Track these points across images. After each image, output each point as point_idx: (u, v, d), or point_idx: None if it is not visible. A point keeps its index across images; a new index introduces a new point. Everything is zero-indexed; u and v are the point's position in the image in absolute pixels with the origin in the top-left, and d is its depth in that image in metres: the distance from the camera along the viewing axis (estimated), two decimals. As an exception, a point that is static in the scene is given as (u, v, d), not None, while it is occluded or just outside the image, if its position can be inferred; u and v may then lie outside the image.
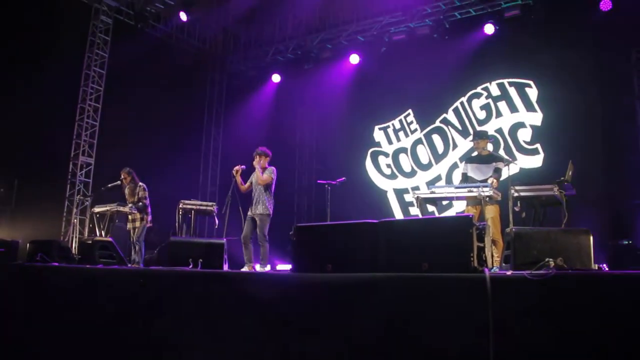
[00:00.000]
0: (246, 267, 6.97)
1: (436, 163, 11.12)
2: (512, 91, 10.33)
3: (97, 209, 8.37)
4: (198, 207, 8.49)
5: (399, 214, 11.28)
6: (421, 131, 11.40)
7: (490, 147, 7.01)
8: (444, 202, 9.54)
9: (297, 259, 4.37)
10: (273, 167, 7.27)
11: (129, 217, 8.16)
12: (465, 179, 6.75)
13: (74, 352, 5.04)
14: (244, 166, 7.31)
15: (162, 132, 11.68)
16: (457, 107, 10.94)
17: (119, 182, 8.38)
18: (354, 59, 11.79)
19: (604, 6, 9.13)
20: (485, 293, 3.19)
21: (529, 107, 10.10)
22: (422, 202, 6.21)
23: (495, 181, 6.32)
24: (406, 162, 11.54)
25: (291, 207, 12.96)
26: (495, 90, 10.53)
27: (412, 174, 11.43)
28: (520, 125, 10.15)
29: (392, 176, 11.67)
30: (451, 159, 10.90)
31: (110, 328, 4.86)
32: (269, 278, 4.76)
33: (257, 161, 7.22)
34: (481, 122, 10.56)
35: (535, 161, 9.84)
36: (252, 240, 7.09)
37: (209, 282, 4.60)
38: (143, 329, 4.65)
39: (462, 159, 9.64)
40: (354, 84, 12.01)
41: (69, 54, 10.66)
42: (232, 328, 4.21)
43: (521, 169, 9.46)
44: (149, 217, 8.20)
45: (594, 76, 9.45)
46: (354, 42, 11.96)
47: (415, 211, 7.52)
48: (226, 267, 5.87)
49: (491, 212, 6.21)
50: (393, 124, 11.79)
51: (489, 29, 10.17)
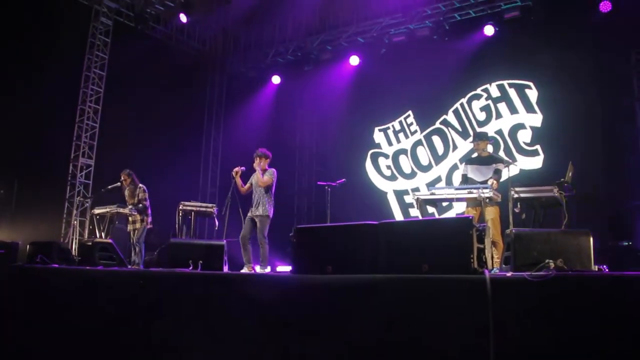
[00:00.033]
0: (245, 268, 6.96)
1: (436, 164, 11.12)
2: (512, 92, 10.33)
3: (97, 211, 8.36)
4: (198, 208, 8.48)
5: (399, 216, 11.28)
6: (421, 132, 11.40)
7: (490, 148, 7.00)
8: (444, 204, 9.51)
9: (297, 261, 4.37)
10: (273, 169, 7.26)
11: (129, 219, 8.15)
12: (465, 180, 6.75)
13: (74, 354, 5.04)
14: (243, 167, 7.29)
15: (162, 134, 11.68)
16: (457, 108, 10.94)
17: (118, 183, 8.37)
18: (354, 60, 11.79)
19: (603, 7, 9.13)
20: (485, 294, 3.19)
21: (529, 109, 10.10)
22: (422, 203, 6.21)
23: (495, 182, 6.33)
24: (406, 163, 11.54)
25: (291, 208, 12.95)
26: (495, 92, 10.53)
27: (412, 175, 11.43)
28: (520, 126, 10.15)
29: (392, 177, 11.66)
30: (451, 160, 10.90)
31: (110, 329, 4.86)
32: (269, 279, 4.77)
33: (257, 163, 7.20)
34: (481, 124, 10.56)
35: (535, 162, 9.84)
36: (250, 240, 7.07)
37: (209, 283, 4.61)
38: (143, 331, 4.65)
39: (462, 160, 9.63)
40: (353, 85, 12.01)
41: (69, 56, 10.66)
42: (232, 329, 4.21)
43: (521, 170, 9.46)
44: (149, 219, 8.19)
45: (594, 77, 9.45)
46: (353, 43, 11.96)
47: (415, 212, 7.52)
48: (226, 269, 5.87)
49: (491, 214, 6.21)
50: (393, 126, 11.79)
51: (489, 30, 10.17)
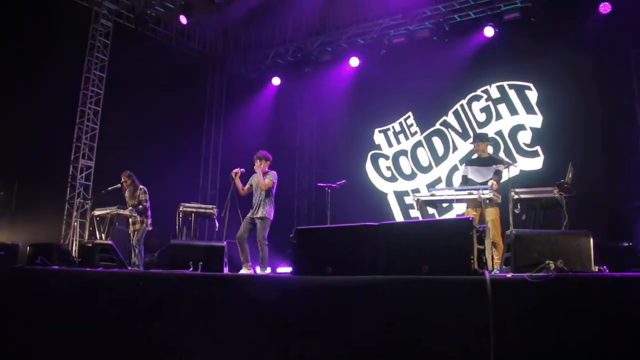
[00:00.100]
0: (244, 268, 6.93)
1: (436, 165, 11.12)
2: (512, 93, 10.33)
3: (97, 212, 8.36)
4: (198, 209, 8.49)
5: (399, 217, 11.28)
6: (421, 134, 11.40)
7: (490, 149, 7.01)
8: (444, 205, 9.52)
9: (298, 262, 4.37)
10: (274, 172, 7.24)
11: (130, 220, 8.15)
12: (466, 181, 6.75)
13: (74, 355, 5.04)
14: (243, 169, 7.27)
15: (162, 135, 11.68)
16: (457, 109, 10.95)
17: (119, 185, 8.37)
18: (354, 61, 11.79)
19: (603, 9, 9.14)
20: (485, 295, 3.19)
21: (529, 110, 10.10)
22: (422, 204, 6.22)
23: (495, 183, 6.33)
24: (406, 164, 11.54)
25: (291, 210, 12.95)
26: (495, 93, 10.54)
27: (412, 176, 11.43)
28: (520, 127, 10.15)
29: (392, 179, 11.66)
30: (451, 161, 10.90)
31: (110, 331, 4.86)
32: (269, 281, 4.76)
33: (257, 165, 7.19)
34: (481, 125, 10.57)
35: (535, 163, 9.84)
36: (248, 241, 7.05)
37: (209, 284, 4.60)
38: (143, 332, 4.65)
39: (462, 161, 9.63)
40: (354, 86, 12.01)
41: (69, 57, 10.66)
42: (232, 331, 4.20)
43: (521, 171, 9.45)
44: (148, 221, 8.18)
45: (594, 78, 9.45)
46: (354, 44, 11.97)
47: (415, 214, 7.51)
48: (226, 270, 5.87)
49: (491, 215, 6.21)
50: (393, 127, 11.79)
51: (489, 31, 10.17)
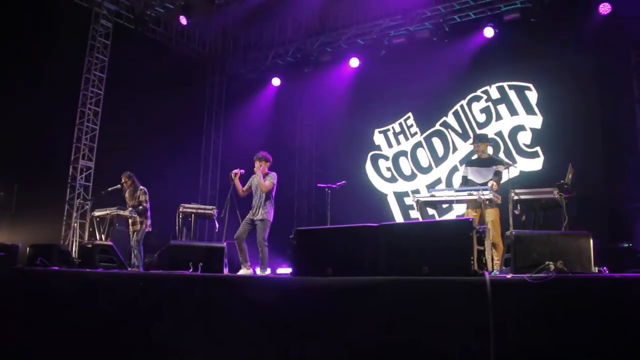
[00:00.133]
0: (243, 268, 6.91)
1: (436, 166, 11.13)
2: (512, 94, 10.34)
3: (97, 213, 8.36)
4: (198, 210, 8.49)
5: (399, 218, 11.28)
6: (421, 134, 11.40)
7: (490, 150, 7.01)
8: (444, 206, 9.56)
9: (298, 263, 4.37)
10: (274, 173, 7.20)
11: (129, 221, 8.14)
12: (466, 182, 6.75)
13: (74, 357, 5.04)
14: (242, 170, 7.22)
15: (162, 136, 11.68)
16: (457, 110, 10.95)
17: (119, 185, 8.37)
18: (354, 62, 11.79)
19: (603, 10, 9.15)
20: (485, 296, 3.19)
21: (529, 110, 10.11)
22: (422, 205, 6.21)
23: (495, 184, 6.32)
24: (406, 165, 11.54)
25: (291, 210, 12.95)
26: (495, 94, 10.54)
27: (412, 177, 11.43)
28: (520, 128, 10.16)
29: (392, 179, 11.67)
30: (451, 162, 10.91)
31: (110, 332, 4.86)
32: (269, 282, 4.76)
33: (257, 166, 7.16)
34: (481, 125, 10.57)
35: (535, 164, 9.85)
36: (246, 242, 7.04)
37: (209, 285, 4.60)
38: (143, 333, 4.65)
39: (462, 162, 9.63)
40: (353, 87, 12.01)
41: (69, 58, 10.66)
42: (232, 332, 4.20)
43: (521, 172, 9.45)
44: (148, 221, 8.17)
45: (594, 79, 9.46)
46: (353, 45, 11.98)
47: (415, 214, 7.51)
48: (226, 271, 5.87)
49: (491, 215, 6.20)
50: (393, 127, 11.80)
51: (489, 32, 10.18)
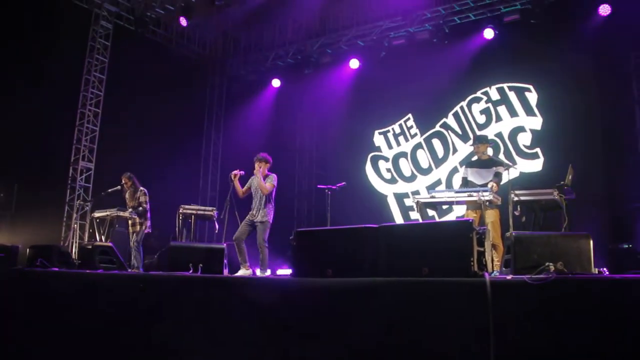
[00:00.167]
0: (242, 269, 6.91)
1: (436, 167, 11.13)
2: (512, 95, 10.34)
3: (97, 214, 8.36)
4: (198, 211, 8.49)
5: (399, 219, 11.28)
6: (421, 136, 11.40)
7: (490, 151, 7.01)
8: (444, 207, 9.57)
9: (297, 264, 4.37)
10: (274, 175, 7.19)
11: (129, 222, 8.14)
12: (466, 183, 6.75)
13: (74, 358, 5.03)
14: (242, 171, 7.21)
15: (162, 137, 11.68)
16: (457, 111, 10.95)
17: (119, 187, 8.37)
18: (354, 63, 11.80)
19: (603, 11, 9.16)
20: (485, 297, 3.19)
21: (529, 112, 10.11)
22: (422, 206, 6.22)
23: (495, 185, 6.32)
24: (406, 166, 11.54)
25: (291, 212, 12.95)
26: (495, 95, 10.54)
27: (412, 178, 11.43)
28: (520, 129, 10.16)
29: (392, 181, 11.67)
30: (451, 163, 10.91)
31: (110, 333, 4.85)
32: (269, 283, 4.76)
33: (257, 167, 7.15)
34: (481, 127, 10.57)
35: (535, 165, 9.85)
36: (245, 243, 7.03)
37: (209, 287, 4.60)
38: (143, 334, 4.65)
39: (462, 163, 9.65)
40: (353, 88, 12.02)
41: (69, 59, 10.67)
42: (232, 333, 4.20)
43: (521, 173, 9.46)
44: (147, 223, 8.16)
45: (594, 80, 9.46)
46: (353, 46, 11.98)
47: (415, 216, 7.51)
48: (226, 272, 5.87)
49: (491, 217, 6.20)
50: (393, 129, 11.80)
51: (489, 33, 10.19)
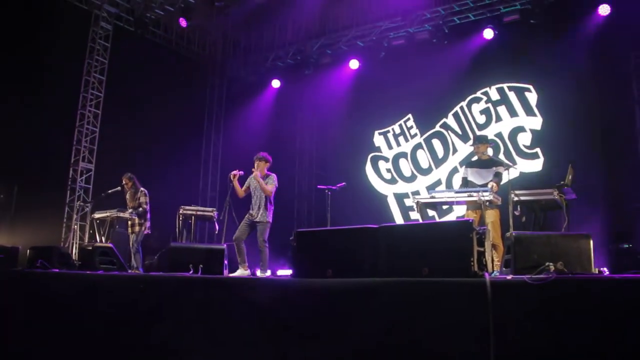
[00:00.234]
0: (240, 269, 6.90)
1: (436, 168, 11.13)
2: (512, 95, 10.34)
3: (97, 215, 8.37)
4: (198, 212, 8.49)
5: (399, 219, 11.28)
6: (421, 136, 11.40)
7: (490, 151, 7.01)
8: (444, 207, 9.56)
9: (297, 265, 4.37)
10: (274, 175, 7.20)
11: (128, 222, 8.15)
12: (466, 183, 6.75)
13: (75, 359, 5.03)
14: (241, 172, 7.23)
15: (162, 138, 11.69)
16: (456, 111, 10.95)
17: (119, 188, 8.37)
18: (354, 64, 11.81)
19: (602, 11, 9.17)
20: (485, 297, 3.18)
21: (529, 112, 10.11)
22: (422, 206, 6.22)
23: (495, 185, 6.32)
24: (406, 166, 11.54)
25: (291, 212, 12.94)
26: (494, 95, 10.54)
27: (412, 178, 11.43)
28: (520, 129, 10.16)
29: (392, 181, 11.66)
30: (451, 163, 10.91)
31: (110, 334, 4.85)
32: (269, 283, 4.75)
33: (257, 166, 7.17)
34: (481, 127, 10.57)
35: (535, 165, 9.85)
36: (245, 243, 7.04)
37: (209, 287, 4.60)
38: (143, 335, 4.64)
39: (462, 163, 9.65)
40: (353, 89, 12.02)
41: (69, 60, 10.68)
42: (232, 333, 4.20)
43: (521, 173, 9.46)
44: (147, 224, 8.16)
45: (593, 80, 9.45)
46: (353, 47, 11.99)
47: (415, 216, 7.51)
48: (226, 273, 5.87)
49: (491, 217, 6.20)
50: (393, 129, 11.80)
51: (488, 33, 10.19)
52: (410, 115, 11.61)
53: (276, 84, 12.97)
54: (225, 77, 13.98)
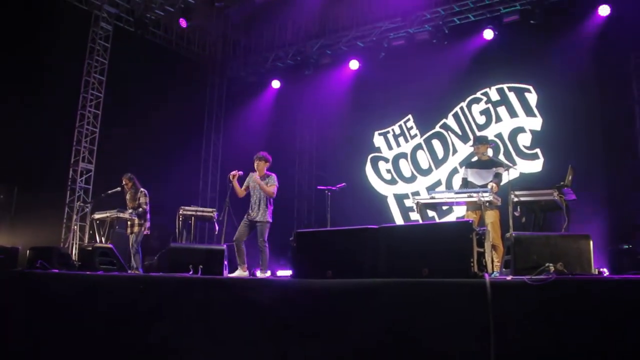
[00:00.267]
0: (239, 269, 6.90)
1: (436, 168, 11.13)
2: (512, 96, 10.34)
3: (97, 216, 8.36)
4: (198, 213, 8.48)
5: (399, 220, 11.28)
6: (421, 136, 11.40)
7: (490, 152, 7.01)
8: (444, 208, 9.54)
9: (297, 265, 4.36)
10: (274, 175, 7.21)
11: (128, 223, 8.15)
12: (465, 184, 6.74)
13: (74, 359, 5.03)
14: (241, 172, 7.24)
15: (162, 138, 11.69)
16: (456, 112, 10.95)
17: (119, 188, 8.37)
18: (354, 64, 11.81)
19: (602, 11, 9.17)
20: (485, 298, 3.18)
21: (529, 112, 10.11)
22: (422, 207, 6.21)
23: (495, 186, 6.31)
24: (406, 167, 11.54)
25: (291, 212, 12.94)
26: (494, 95, 10.55)
27: (412, 179, 11.43)
28: (520, 130, 10.16)
29: (392, 181, 11.67)
30: (451, 164, 10.91)
31: (110, 334, 4.85)
32: (269, 284, 4.75)
33: (256, 166, 7.19)
34: (481, 127, 10.57)
35: (535, 166, 9.85)
36: (245, 243, 7.04)
37: (209, 288, 4.60)
38: (143, 335, 4.64)
39: (462, 164, 9.65)
40: (353, 89, 12.03)
41: (69, 61, 10.68)
42: (232, 334, 4.20)
43: (521, 173, 9.45)
44: (147, 224, 8.16)
45: (593, 81, 9.46)
46: (353, 47, 11.99)
47: (415, 216, 7.51)
48: (226, 273, 5.87)
49: (491, 217, 6.20)
50: (393, 130, 11.80)
51: (488, 34, 10.20)
52: (410, 116, 11.61)
53: (276, 84, 12.97)
54: (225, 77, 13.98)
